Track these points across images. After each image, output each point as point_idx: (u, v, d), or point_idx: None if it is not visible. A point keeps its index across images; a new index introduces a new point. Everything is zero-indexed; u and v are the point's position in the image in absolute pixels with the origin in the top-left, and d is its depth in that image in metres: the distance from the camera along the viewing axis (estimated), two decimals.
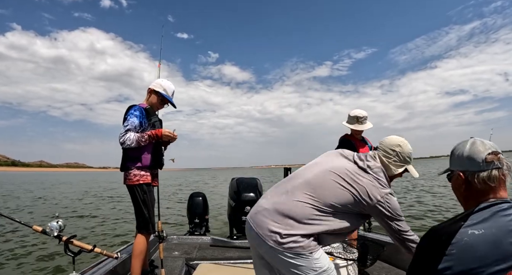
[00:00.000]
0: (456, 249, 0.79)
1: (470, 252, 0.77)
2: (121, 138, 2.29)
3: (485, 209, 0.85)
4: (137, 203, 2.40)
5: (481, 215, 0.83)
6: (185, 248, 3.54)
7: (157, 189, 2.58)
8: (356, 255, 2.22)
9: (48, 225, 1.92)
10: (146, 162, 2.43)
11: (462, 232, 0.80)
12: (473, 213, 0.85)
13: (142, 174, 2.41)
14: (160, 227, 2.58)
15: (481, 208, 0.85)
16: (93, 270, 2.29)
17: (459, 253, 0.78)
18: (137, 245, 2.37)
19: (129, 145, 2.29)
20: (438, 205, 9.82)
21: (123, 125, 2.37)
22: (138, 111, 2.42)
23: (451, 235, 0.81)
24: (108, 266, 2.40)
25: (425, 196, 12.11)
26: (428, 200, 10.91)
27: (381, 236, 3.26)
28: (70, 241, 1.94)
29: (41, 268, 4.48)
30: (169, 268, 2.83)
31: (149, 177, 2.44)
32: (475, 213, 0.85)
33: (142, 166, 2.41)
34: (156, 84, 2.57)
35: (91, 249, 1.97)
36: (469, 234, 0.79)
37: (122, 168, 2.46)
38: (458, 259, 0.78)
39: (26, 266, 4.54)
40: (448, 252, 0.79)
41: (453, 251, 0.79)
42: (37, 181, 36.37)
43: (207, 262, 3.03)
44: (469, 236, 0.79)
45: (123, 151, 2.44)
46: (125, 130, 2.31)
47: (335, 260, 2.11)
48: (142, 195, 2.39)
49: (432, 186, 16.03)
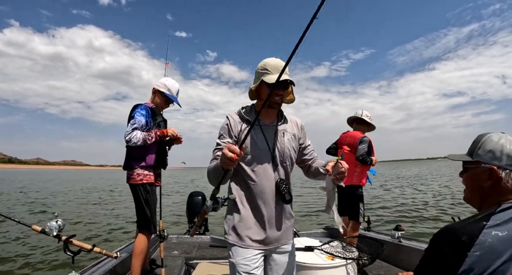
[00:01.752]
0: (480, 251, 0.74)
1: (494, 254, 0.74)
2: (127, 136, 2.28)
3: (507, 210, 0.81)
4: (139, 202, 2.40)
5: (504, 216, 0.80)
6: (184, 247, 3.55)
7: (160, 189, 2.59)
8: (356, 254, 2.23)
9: (48, 224, 1.92)
10: (150, 161, 2.42)
11: (486, 233, 0.76)
12: (495, 214, 0.81)
13: (146, 174, 2.40)
14: (161, 227, 2.58)
15: (503, 209, 0.82)
16: (93, 269, 2.29)
17: (483, 255, 0.74)
18: (138, 244, 2.37)
19: (136, 143, 2.28)
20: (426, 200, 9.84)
21: (129, 123, 2.36)
22: (144, 110, 2.42)
23: (473, 236, 0.76)
24: (107, 265, 2.40)
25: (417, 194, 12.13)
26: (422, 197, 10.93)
27: (381, 235, 3.28)
28: (70, 240, 1.93)
29: (41, 268, 4.47)
30: (169, 267, 2.83)
31: (152, 176, 2.43)
32: (497, 213, 0.81)
33: (146, 166, 2.41)
34: (160, 84, 2.57)
35: (90, 249, 1.97)
36: (492, 235, 0.75)
37: (125, 167, 2.45)
38: (481, 261, 0.74)
39: (26, 266, 4.53)
40: (471, 254, 0.74)
41: (476, 253, 0.74)
42: (35, 180, 36.28)
43: (206, 261, 3.03)
44: (493, 238, 0.75)
45: (127, 149, 2.43)
46: (132, 129, 2.30)
47: (335, 259, 2.11)
48: (144, 195, 2.39)
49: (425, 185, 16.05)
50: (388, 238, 3.11)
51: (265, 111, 1.40)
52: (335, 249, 2.28)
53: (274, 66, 1.33)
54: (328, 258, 2.13)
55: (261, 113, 1.36)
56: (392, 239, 3.08)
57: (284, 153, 1.39)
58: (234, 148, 1.09)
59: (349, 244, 2.43)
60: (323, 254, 2.22)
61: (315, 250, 2.31)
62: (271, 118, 1.43)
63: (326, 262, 2.07)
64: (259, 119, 1.38)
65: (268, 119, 1.43)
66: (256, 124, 1.37)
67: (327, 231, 4.05)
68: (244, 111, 1.43)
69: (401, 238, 3.03)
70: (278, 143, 1.38)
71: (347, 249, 2.30)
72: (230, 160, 1.08)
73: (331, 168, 1.24)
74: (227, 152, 1.08)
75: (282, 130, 1.42)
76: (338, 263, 2.06)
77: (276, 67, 1.33)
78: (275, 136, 1.39)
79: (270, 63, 1.34)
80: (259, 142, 1.37)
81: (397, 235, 3.05)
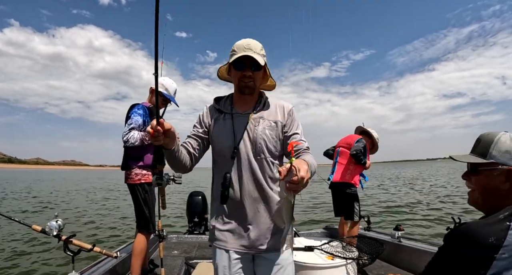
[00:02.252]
0: (508, 253, 0.70)
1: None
2: (125, 136, 2.28)
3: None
4: (138, 202, 2.40)
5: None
6: (184, 247, 3.55)
7: (158, 189, 2.58)
8: (356, 254, 2.23)
9: (48, 224, 1.92)
10: (148, 161, 2.42)
11: (511, 234, 0.72)
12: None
13: (144, 173, 2.40)
14: (160, 227, 2.58)
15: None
16: (93, 269, 2.29)
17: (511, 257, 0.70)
18: (137, 244, 2.37)
19: (133, 143, 2.28)
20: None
21: (126, 123, 2.36)
22: (141, 110, 2.41)
23: (500, 238, 0.72)
24: (107, 265, 2.40)
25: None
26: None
27: (381, 235, 3.28)
28: (70, 240, 1.93)
29: (41, 267, 4.47)
30: (168, 267, 2.83)
31: (150, 176, 2.43)
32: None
33: (144, 165, 2.41)
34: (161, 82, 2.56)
35: (90, 248, 1.97)
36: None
37: (124, 167, 2.45)
38: (510, 263, 0.70)
39: (25, 266, 4.53)
40: (499, 256, 0.70)
41: (504, 255, 0.70)
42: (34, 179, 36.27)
43: (206, 261, 3.03)
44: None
45: (124, 150, 2.43)
46: (129, 129, 2.30)
47: (335, 259, 2.11)
48: (143, 194, 2.39)
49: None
50: (388, 238, 3.11)
51: (241, 99, 1.29)
52: (335, 249, 2.28)
53: (240, 45, 1.20)
54: (328, 258, 2.13)
55: (237, 101, 1.29)
56: (392, 239, 3.08)
57: (257, 144, 1.21)
58: (153, 122, 0.97)
59: (349, 244, 2.43)
60: (323, 254, 2.22)
61: (315, 250, 2.31)
62: (248, 106, 1.29)
63: (326, 262, 2.07)
64: (232, 107, 1.29)
65: (244, 107, 1.29)
66: (228, 113, 1.28)
67: (327, 230, 4.05)
68: (222, 101, 1.34)
69: (401, 238, 3.03)
70: (250, 133, 1.22)
71: (347, 249, 2.30)
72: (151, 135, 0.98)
73: (283, 171, 0.88)
74: (148, 128, 0.99)
75: (257, 118, 1.25)
76: (338, 263, 2.06)
77: (242, 47, 1.19)
78: (246, 126, 1.23)
79: (238, 43, 1.21)
80: (225, 133, 1.25)
81: (397, 235, 3.05)
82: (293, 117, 1.30)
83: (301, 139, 1.26)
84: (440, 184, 18.38)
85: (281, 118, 1.27)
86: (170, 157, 1.14)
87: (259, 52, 1.20)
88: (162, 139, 1.00)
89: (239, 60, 1.18)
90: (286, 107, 1.30)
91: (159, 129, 0.96)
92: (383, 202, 10.95)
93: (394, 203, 10.49)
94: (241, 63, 1.19)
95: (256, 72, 1.22)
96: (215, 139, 1.28)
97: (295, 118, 1.31)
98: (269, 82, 1.35)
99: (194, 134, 1.30)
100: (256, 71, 1.22)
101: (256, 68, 1.21)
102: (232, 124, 1.25)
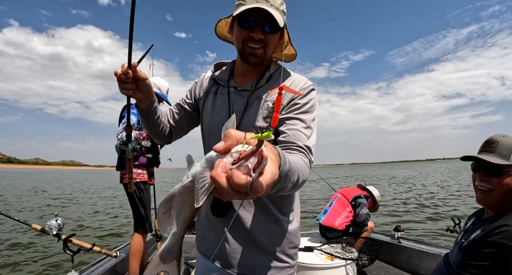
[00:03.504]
0: None
1: None
2: (119, 135, 2.30)
3: None
4: (134, 201, 2.41)
5: None
6: (184, 247, 3.54)
7: (153, 187, 2.60)
8: (355, 254, 2.23)
9: (47, 223, 1.92)
10: (143, 160, 2.43)
11: None
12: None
13: (139, 173, 2.41)
14: (157, 226, 2.58)
15: None
16: (92, 268, 2.29)
17: None
18: (134, 244, 2.38)
19: None
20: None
21: (120, 122, 2.38)
22: (135, 108, 2.43)
23: None
24: (107, 264, 2.40)
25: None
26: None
27: (380, 236, 3.27)
28: (69, 239, 1.94)
29: (40, 267, 4.46)
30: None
31: (145, 175, 2.45)
32: None
33: (139, 165, 2.42)
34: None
35: (90, 248, 1.98)
36: None
37: (118, 167, 2.46)
38: None
39: (25, 265, 4.53)
40: None
41: None
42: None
43: None
44: None
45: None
46: (124, 127, 2.32)
47: (334, 260, 2.11)
48: (138, 194, 2.40)
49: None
50: (387, 239, 3.11)
51: (242, 69, 0.96)
52: (334, 250, 2.28)
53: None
54: (327, 259, 2.13)
55: (237, 71, 0.98)
56: (391, 239, 3.08)
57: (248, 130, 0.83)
58: (123, 64, 0.81)
59: (348, 245, 2.43)
60: (322, 254, 2.22)
61: (315, 250, 2.31)
62: (248, 79, 0.95)
63: (325, 262, 2.07)
64: (230, 78, 0.97)
65: (244, 80, 0.95)
66: (225, 86, 0.96)
67: None
68: (222, 69, 1.03)
69: (400, 238, 3.03)
70: (245, 115, 0.89)
71: (347, 250, 2.30)
72: (118, 78, 0.82)
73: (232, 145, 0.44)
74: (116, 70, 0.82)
75: (254, 98, 0.90)
76: (337, 263, 2.06)
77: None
78: (245, 105, 0.90)
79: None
80: (217, 111, 0.95)
81: (397, 236, 3.05)
82: (308, 100, 0.88)
83: (297, 129, 0.82)
84: (439, 184, 18.37)
85: (288, 99, 0.87)
86: (144, 118, 0.98)
87: (279, 7, 0.84)
88: (132, 89, 0.84)
89: (247, 13, 0.82)
90: (303, 85, 0.90)
91: (129, 72, 0.80)
92: (383, 202, 10.95)
93: (394, 203, 10.49)
94: (250, 20, 0.83)
95: (270, 36, 0.86)
96: (205, 117, 0.99)
97: (311, 102, 0.88)
98: (286, 51, 0.98)
99: (179, 104, 1.09)
100: (271, 34, 0.86)
101: (271, 30, 0.85)
102: (229, 101, 0.93)
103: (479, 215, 1.15)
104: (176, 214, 0.53)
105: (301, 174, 0.64)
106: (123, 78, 0.80)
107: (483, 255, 0.88)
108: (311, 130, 0.85)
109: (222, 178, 0.36)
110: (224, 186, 0.35)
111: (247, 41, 0.86)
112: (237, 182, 0.34)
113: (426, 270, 2.55)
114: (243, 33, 0.86)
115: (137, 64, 0.81)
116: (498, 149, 0.96)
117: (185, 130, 1.11)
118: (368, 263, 2.52)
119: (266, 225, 0.88)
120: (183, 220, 0.53)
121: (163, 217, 0.55)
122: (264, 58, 0.90)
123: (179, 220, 0.53)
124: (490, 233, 0.89)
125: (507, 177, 0.93)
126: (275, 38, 0.89)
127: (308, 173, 0.71)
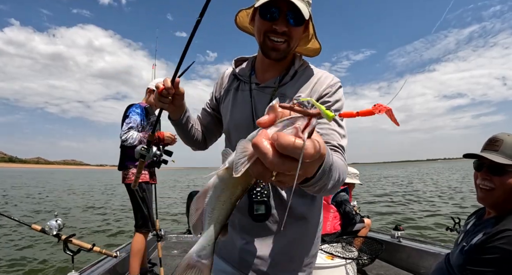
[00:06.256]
0: None
1: None
2: (124, 136, 2.30)
3: None
4: (136, 201, 2.41)
5: None
6: (184, 246, 3.55)
7: (155, 187, 2.60)
8: (355, 253, 2.23)
9: (47, 224, 1.92)
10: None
11: None
12: None
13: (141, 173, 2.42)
14: (158, 226, 2.59)
15: None
16: (92, 269, 2.29)
17: None
18: (135, 244, 2.37)
19: (131, 143, 2.29)
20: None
21: (124, 122, 2.38)
22: (139, 109, 2.45)
23: None
24: (107, 265, 2.40)
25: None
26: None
27: (380, 235, 3.28)
28: (69, 240, 1.94)
29: (40, 267, 4.47)
30: (168, 266, 2.83)
31: (147, 175, 2.45)
32: None
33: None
34: (154, 84, 2.60)
35: (90, 248, 1.98)
36: None
37: (120, 167, 2.46)
38: None
39: (25, 266, 4.53)
40: None
41: None
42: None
43: None
44: None
45: (121, 150, 2.45)
46: (128, 128, 2.32)
47: (334, 259, 2.11)
48: (141, 193, 2.40)
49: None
50: (387, 238, 3.11)
51: (264, 64, 0.91)
52: (334, 249, 2.28)
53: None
54: (328, 258, 2.13)
55: (258, 66, 0.93)
56: (391, 239, 3.08)
57: None
58: (166, 79, 0.82)
59: (348, 244, 2.43)
60: (323, 253, 2.22)
61: None
62: (270, 74, 0.90)
63: (325, 261, 2.07)
64: (252, 73, 0.94)
65: (266, 76, 0.91)
66: (246, 82, 0.93)
67: None
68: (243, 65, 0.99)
69: (400, 238, 3.03)
70: (256, 118, 0.85)
71: (347, 249, 2.30)
72: (159, 92, 0.82)
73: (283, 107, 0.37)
74: (158, 83, 0.83)
75: (277, 95, 0.86)
76: (337, 262, 2.06)
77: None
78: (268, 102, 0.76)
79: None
80: (239, 108, 0.92)
81: (397, 235, 3.05)
82: (337, 97, 0.85)
83: (332, 129, 0.79)
84: (439, 183, 18.37)
85: (317, 96, 0.83)
86: (177, 129, 0.98)
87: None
88: (168, 102, 0.85)
89: (270, 4, 0.77)
90: (328, 82, 0.85)
91: (170, 88, 0.80)
92: (383, 202, 10.94)
93: (394, 203, 10.48)
94: (273, 10, 0.78)
95: (295, 28, 0.81)
96: (226, 115, 0.96)
97: (341, 100, 0.86)
98: (310, 45, 0.93)
99: (204, 108, 1.08)
100: (295, 26, 0.80)
101: (295, 22, 0.79)
102: (252, 99, 0.89)
103: (479, 216, 1.13)
104: (208, 212, 0.45)
105: (341, 172, 0.60)
106: (164, 93, 0.81)
107: (485, 261, 0.87)
108: (343, 129, 0.82)
109: (264, 142, 0.32)
110: (267, 152, 0.31)
111: (269, 34, 0.81)
112: (284, 142, 0.30)
113: (426, 269, 2.55)
114: (265, 24, 0.80)
115: (179, 80, 0.81)
116: (502, 148, 0.94)
117: (218, 133, 1.10)
118: (368, 262, 2.52)
119: (303, 239, 0.88)
120: (216, 218, 0.46)
121: (195, 215, 0.48)
122: (287, 53, 0.85)
123: (212, 218, 0.45)
124: (493, 238, 0.88)
125: (510, 177, 0.92)
126: (300, 31, 0.83)
127: (346, 173, 0.67)
